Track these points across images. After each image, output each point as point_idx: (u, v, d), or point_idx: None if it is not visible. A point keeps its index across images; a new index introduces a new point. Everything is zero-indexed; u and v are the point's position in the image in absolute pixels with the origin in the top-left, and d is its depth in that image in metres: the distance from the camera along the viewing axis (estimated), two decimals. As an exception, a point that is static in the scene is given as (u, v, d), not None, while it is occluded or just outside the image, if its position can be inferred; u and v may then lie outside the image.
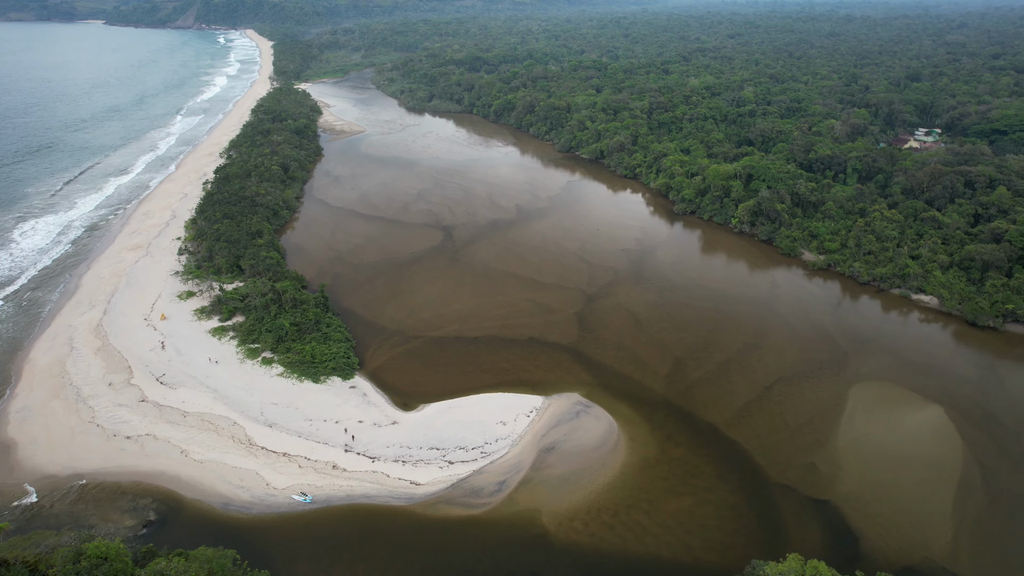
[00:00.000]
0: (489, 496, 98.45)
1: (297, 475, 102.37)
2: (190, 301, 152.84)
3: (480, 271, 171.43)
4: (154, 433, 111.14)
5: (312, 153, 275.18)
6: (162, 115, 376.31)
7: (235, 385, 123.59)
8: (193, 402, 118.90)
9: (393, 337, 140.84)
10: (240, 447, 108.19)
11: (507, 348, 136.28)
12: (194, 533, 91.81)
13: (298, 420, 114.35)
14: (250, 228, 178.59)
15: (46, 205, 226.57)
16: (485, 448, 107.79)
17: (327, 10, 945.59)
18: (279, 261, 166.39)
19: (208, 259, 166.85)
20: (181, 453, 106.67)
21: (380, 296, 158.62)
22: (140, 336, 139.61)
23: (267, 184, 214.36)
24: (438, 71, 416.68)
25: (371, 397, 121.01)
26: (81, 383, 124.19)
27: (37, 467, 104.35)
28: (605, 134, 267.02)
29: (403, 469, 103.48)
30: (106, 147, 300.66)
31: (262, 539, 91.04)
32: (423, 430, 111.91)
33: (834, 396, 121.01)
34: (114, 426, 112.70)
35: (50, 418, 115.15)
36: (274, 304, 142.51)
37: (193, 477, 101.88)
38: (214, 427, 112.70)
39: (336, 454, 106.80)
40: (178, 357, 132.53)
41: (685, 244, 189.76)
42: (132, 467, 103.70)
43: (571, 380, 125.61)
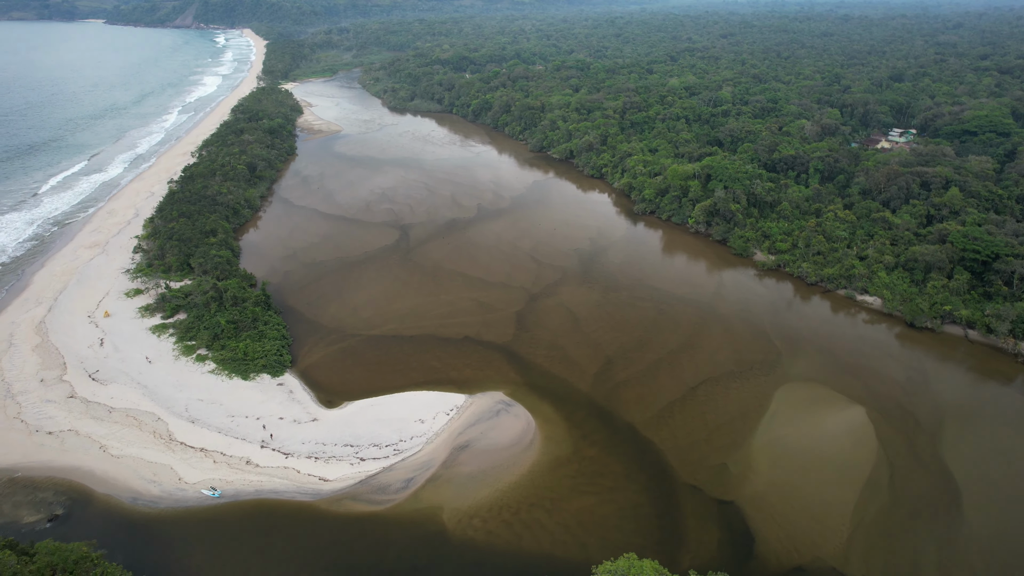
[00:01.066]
0: (395, 493, 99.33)
1: (211, 470, 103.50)
2: (136, 299, 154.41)
3: (429, 270, 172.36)
4: (76, 429, 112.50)
5: (284, 152, 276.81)
6: (151, 114, 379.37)
7: (166, 382, 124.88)
8: (121, 398, 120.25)
9: (331, 335, 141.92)
10: (160, 442, 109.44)
11: (441, 347, 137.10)
12: (97, 528, 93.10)
13: (221, 416, 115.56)
14: (204, 227, 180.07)
15: (16, 204, 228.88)
16: (399, 446, 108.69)
17: (325, 9, 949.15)
18: (229, 260, 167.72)
19: (159, 257, 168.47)
20: (100, 448, 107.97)
21: (325, 295, 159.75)
22: (80, 333, 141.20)
23: (231, 183, 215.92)
24: (422, 71, 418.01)
25: (297, 395, 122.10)
26: (13, 379, 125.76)
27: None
28: (576, 134, 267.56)
29: (314, 465, 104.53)
30: (91, 146, 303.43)
31: (165, 533, 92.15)
32: (341, 427, 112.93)
33: (759, 397, 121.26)
34: (38, 422, 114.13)
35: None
36: (215, 302, 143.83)
37: (107, 472, 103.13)
38: (137, 423, 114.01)
39: (252, 450, 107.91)
40: (115, 354, 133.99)
41: (639, 244, 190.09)
42: (47, 462, 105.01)
43: (499, 379, 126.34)
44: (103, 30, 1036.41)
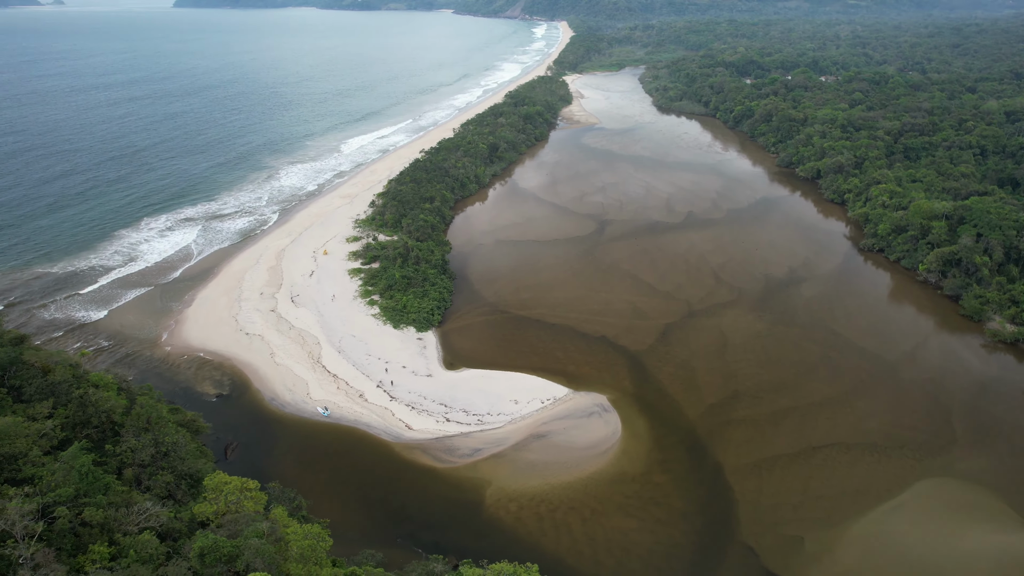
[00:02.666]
0: (459, 457, 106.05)
1: (332, 394, 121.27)
2: (351, 244, 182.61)
3: (604, 266, 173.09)
4: (263, 335, 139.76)
5: (533, 138, 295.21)
6: (453, 93, 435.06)
7: (337, 316, 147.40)
8: (301, 320, 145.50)
9: (484, 307, 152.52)
10: (309, 362, 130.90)
11: (574, 340, 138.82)
12: (239, 410, 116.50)
13: (361, 353, 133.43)
14: (425, 193, 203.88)
15: (319, 155, 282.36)
16: (485, 418, 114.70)
17: (641, 6, 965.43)
18: (434, 225, 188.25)
19: (380, 213, 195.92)
20: (270, 354, 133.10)
21: (499, 271, 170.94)
22: (302, 264, 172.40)
23: (468, 159, 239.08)
24: (701, 72, 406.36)
25: (427, 351, 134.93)
26: (244, 288, 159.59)
27: (186, 337, 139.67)
28: (829, 152, 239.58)
29: (408, 413, 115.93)
30: (399, 117, 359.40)
31: (279, 431, 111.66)
32: (446, 388, 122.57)
33: (892, 481, 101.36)
34: (243, 323, 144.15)
35: (213, 307, 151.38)
36: (400, 258, 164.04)
37: (267, 374, 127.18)
38: (302, 342, 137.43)
39: (369, 387, 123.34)
40: (316, 285, 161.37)
41: (845, 282, 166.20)
42: (235, 354, 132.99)
43: (611, 383, 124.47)
44: (451, 19, 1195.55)
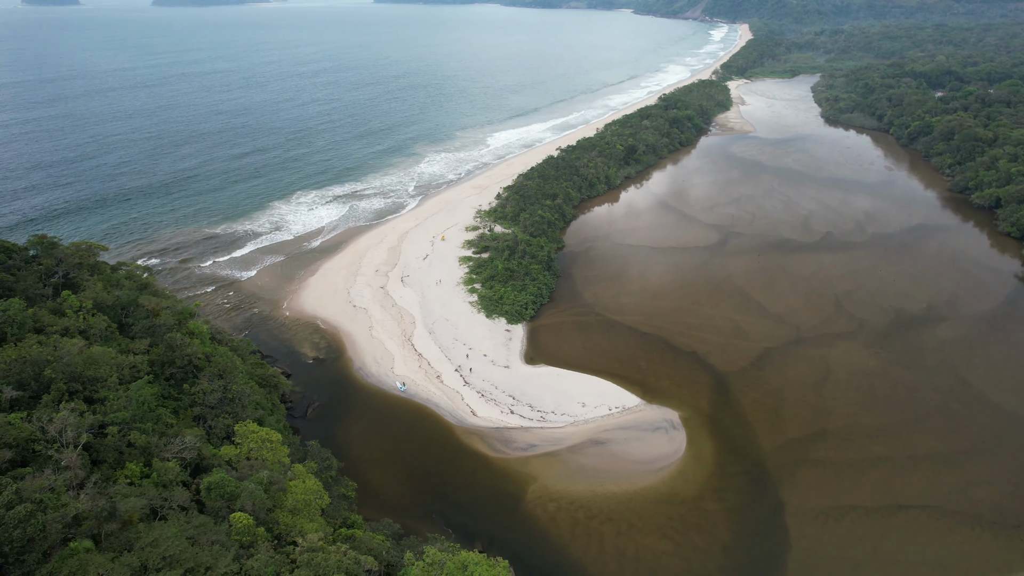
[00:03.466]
0: (512, 450, 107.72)
1: (413, 371, 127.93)
2: (469, 234, 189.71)
3: (715, 280, 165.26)
4: (367, 309, 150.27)
5: (678, 143, 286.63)
6: (610, 92, 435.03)
7: (437, 299, 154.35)
8: (405, 300, 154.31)
9: (579, 308, 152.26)
10: (401, 339, 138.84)
11: (661, 352, 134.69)
12: (328, 374, 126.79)
13: (448, 337, 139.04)
14: (549, 190, 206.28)
15: (465, 145, 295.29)
16: (548, 416, 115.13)
17: (834, 8, 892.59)
18: (551, 221, 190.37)
19: (502, 206, 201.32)
20: (369, 328, 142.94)
21: (605, 273, 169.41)
22: (419, 247, 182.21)
23: (601, 159, 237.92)
24: (883, 82, 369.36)
25: (512, 344, 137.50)
26: (363, 264, 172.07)
27: (303, 303, 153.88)
28: (1017, 178, 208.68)
29: (476, 400, 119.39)
30: (557, 114, 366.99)
31: (356, 398, 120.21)
32: (519, 381, 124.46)
33: (992, 564, 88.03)
34: (354, 296, 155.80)
35: (332, 279, 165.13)
36: (508, 250, 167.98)
37: (362, 345, 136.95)
38: (400, 320, 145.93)
39: (447, 369, 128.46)
40: (427, 269, 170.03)
41: (998, 329, 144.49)
42: (339, 324, 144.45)
43: (687, 401, 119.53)
44: (630, 19, 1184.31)
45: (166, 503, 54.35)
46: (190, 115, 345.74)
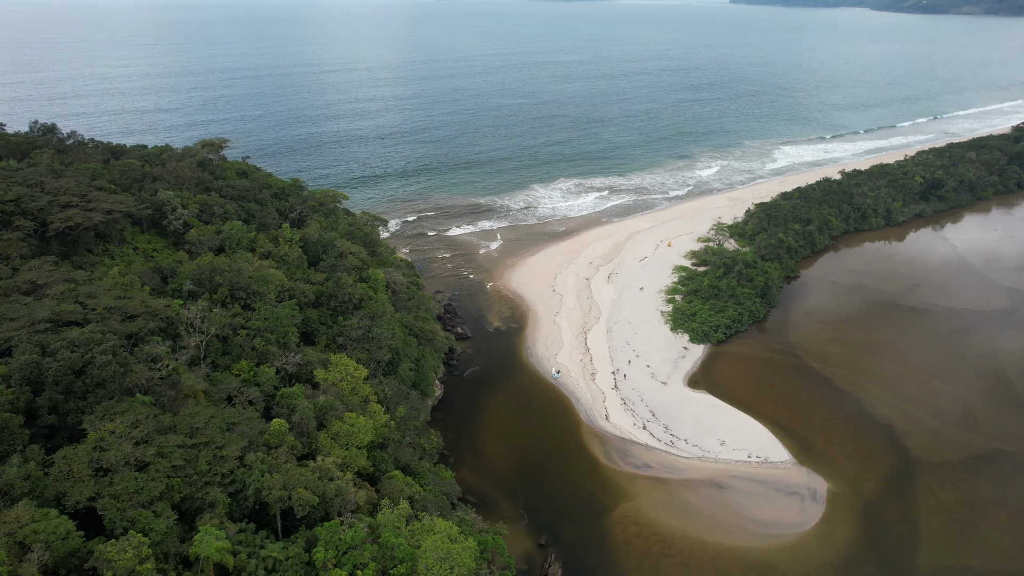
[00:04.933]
0: (625, 464, 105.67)
1: (575, 363, 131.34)
2: (698, 244, 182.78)
3: (971, 354, 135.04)
4: (564, 296, 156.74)
5: (1014, 183, 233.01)
6: (960, 120, 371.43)
7: (630, 302, 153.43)
8: (601, 295, 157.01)
9: (777, 343, 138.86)
10: (577, 331, 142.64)
11: (849, 415, 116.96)
12: (500, 345, 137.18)
13: (622, 340, 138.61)
14: (803, 214, 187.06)
15: (741, 156, 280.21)
16: (677, 443, 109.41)
17: None
18: (790, 247, 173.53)
19: (745, 222, 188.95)
20: (556, 313, 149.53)
21: (829, 315, 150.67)
22: (641, 249, 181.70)
23: (887, 190, 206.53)
24: None
25: (684, 363, 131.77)
26: (583, 255, 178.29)
27: (511, 279, 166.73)
28: None
29: (615, 405, 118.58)
30: (873, 132, 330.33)
31: (512, 372, 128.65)
32: (667, 399, 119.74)
33: None
34: (557, 283, 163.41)
35: (547, 262, 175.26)
36: (723, 268, 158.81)
37: (541, 327, 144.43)
38: (585, 310, 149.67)
39: (605, 369, 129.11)
40: (639, 271, 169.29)
41: None
42: (532, 304, 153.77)
43: (848, 476, 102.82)
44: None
45: (241, 395, 69.01)
46: (513, 102, 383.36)
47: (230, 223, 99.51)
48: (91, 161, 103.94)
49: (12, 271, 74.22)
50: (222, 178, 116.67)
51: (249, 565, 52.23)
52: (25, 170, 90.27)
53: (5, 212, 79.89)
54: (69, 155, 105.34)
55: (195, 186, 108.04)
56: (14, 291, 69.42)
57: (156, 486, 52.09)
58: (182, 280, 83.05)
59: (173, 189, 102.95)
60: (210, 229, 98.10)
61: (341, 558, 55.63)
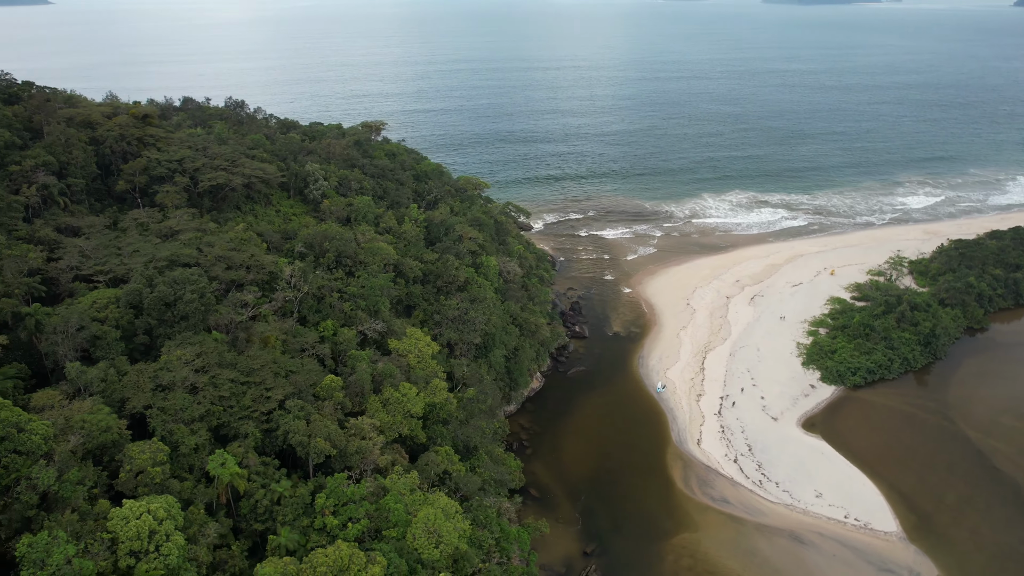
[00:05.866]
0: (703, 494, 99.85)
1: (684, 381, 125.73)
2: (865, 277, 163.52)
3: None
4: (696, 311, 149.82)
5: None
6: None
7: (768, 329, 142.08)
8: (737, 315, 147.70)
9: (930, 401, 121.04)
10: (699, 348, 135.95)
11: (996, 496, 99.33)
12: (614, 350, 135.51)
13: (743, 366, 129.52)
14: (1011, 259, 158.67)
15: (963, 184, 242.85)
16: (767, 484, 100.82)
17: None
18: (986, 295, 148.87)
19: (931, 260, 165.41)
20: (682, 327, 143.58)
21: (1004, 378, 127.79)
22: (799, 274, 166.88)
23: None
24: None
25: (804, 401, 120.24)
26: (731, 272, 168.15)
27: (645, 286, 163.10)
28: None
29: (712, 431, 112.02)
30: None
31: (616, 379, 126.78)
32: (772, 437, 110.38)
33: None
34: (692, 296, 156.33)
35: (691, 273, 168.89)
36: (884, 307, 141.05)
37: (662, 338, 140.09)
38: (715, 327, 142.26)
39: (714, 392, 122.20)
40: (787, 297, 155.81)
41: None
42: (660, 314, 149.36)
43: (969, 567, 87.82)
44: None
45: (312, 350, 77.17)
46: (714, 109, 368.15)
47: (360, 198, 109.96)
48: (259, 133, 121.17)
49: (163, 217, 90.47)
50: (370, 156, 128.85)
51: (258, 493, 59.45)
52: (200, 136, 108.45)
53: (170, 170, 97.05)
54: (245, 127, 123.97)
55: (343, 162, 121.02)
56: (156, 234, 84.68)
57: (199, 409, 61.25)
58: (296, 242, 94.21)
59: (322, 163, 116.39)
60: (342, 201, 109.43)
61: (339, 508, 60.79)
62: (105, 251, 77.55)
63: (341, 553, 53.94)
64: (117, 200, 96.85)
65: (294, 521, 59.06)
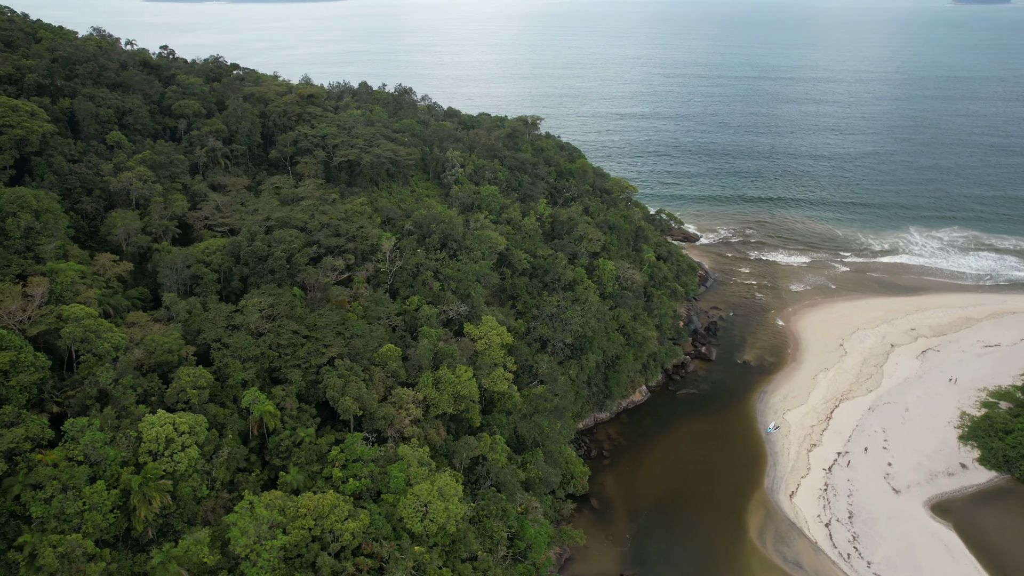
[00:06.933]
0: (776, 552, 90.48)
1: (803, 427, 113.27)
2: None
3: None
4: (848, 354, 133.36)
5: None
6: None
7: (926, 389, 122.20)
8: (895, 368, 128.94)
9: None
10: (834, 396, 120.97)
11: None
12: (737, 378, 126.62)
13: (880, 423, 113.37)
14: None
15: None
16: (856, 563, 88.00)
17: None
18: None
19: None
20: (824, 368, 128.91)
21: None
22: (1001, 334, 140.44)
23: None
24: None
25: (945, 481, 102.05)
26: (908, 319, 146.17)
27: (800, 318, 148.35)
28: None
29: (813, 489, 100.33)
30: None
31: (726, 411, 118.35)
32: (885, 512, 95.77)
33: None
34: (850, 337, 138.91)
35: (861, 312, 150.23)
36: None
37: (796, 377, 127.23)
38: (862, 381, 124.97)
39: (834, 446, 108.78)
40: (975, 358, 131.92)
41: None
42: (804, 350, 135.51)
43: None
44: None
45: (387, 320, 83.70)
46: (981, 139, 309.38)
47: (487, 187, 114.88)
48: (412, 119, 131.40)
49: (296, 185, 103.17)
50: (517, 149, 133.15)
51: (284, 433, 66.92)
52: (354, 116, 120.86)
53: (313, 144, 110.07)
54: (403, 111, 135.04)
55: (485, 152, 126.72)
56: (284, 198, 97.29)
57: (255, 350, 70.31)
58: (408, 220, 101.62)
59: (464, 151, 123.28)
60: (470, 188, 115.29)
61: (349, 464, 66.16)
62: (234, 207, 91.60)
63: (325, 501, 59.28)
64: (272, 166, 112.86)
65: (306, 464, 65.84)
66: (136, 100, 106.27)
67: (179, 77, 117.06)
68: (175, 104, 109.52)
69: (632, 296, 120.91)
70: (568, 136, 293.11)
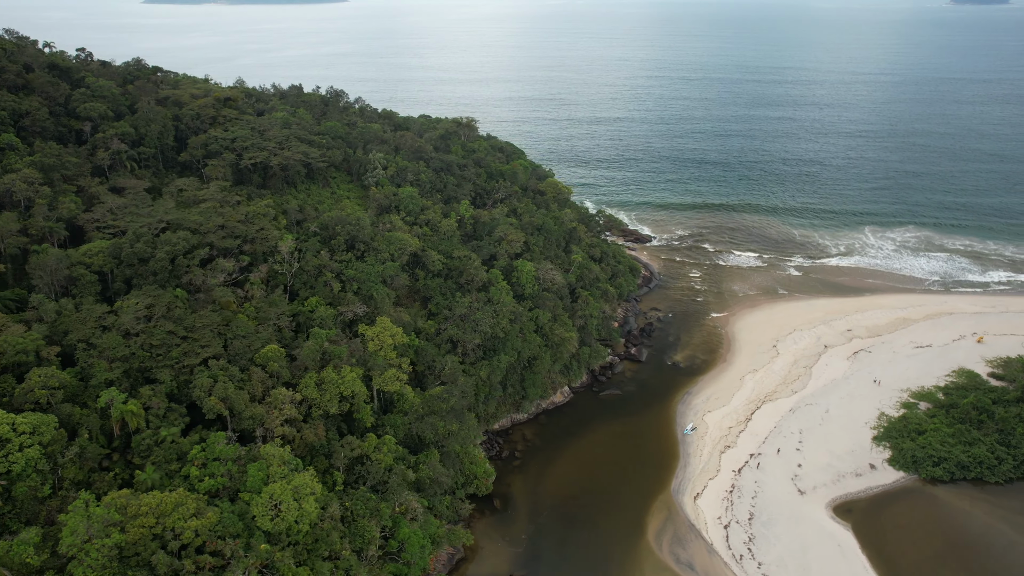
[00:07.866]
0: (670, 554, 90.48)
1: (720, 428, 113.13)
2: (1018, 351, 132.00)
3: None
4: (780, 355, 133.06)
5: None
6: None
7: (849, 391, 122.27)
8: (824, 370, 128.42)
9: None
10: (758, 397, 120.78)
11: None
12: (665, 381, 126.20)
13: (799, 425, 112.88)
14: None
15: None
16: (747, 564, 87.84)
17: None
18: None
19: None
20: (753, 369, 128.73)
21: None
22: (935, 335, 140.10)
23: None
24: None
25: (851, 483, 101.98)
26: (845, 320, 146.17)
27: (736, 319, 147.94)
28: None
29: (719, 492, 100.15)
30: None
31: (646, 413, 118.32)
32: (785, 514, 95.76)
33: None
34: (784, 338, 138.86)
35: (798, 313, 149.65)
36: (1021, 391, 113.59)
37: (722, 380, 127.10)
38: (788, 383, 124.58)
39: (748, 447, 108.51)
40: (904, 359, 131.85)
41: None
42: (734, 352, 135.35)
43: None
44: None
45: (276, 321, 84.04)
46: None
47: (405, 189, 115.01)
48: (336, 121, 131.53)
49: (201, 188, 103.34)
50: (446, 151, 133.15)
51: (146, 432, 67.36)
52: (269, 119, 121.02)
53: (222, 147, 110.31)
54: (329, 114, 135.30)
55: (411, 153, 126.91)
56: (186, 201, 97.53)
57: (124, 350, 70.64)
58: (312, 223, 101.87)
59: (389, 153, 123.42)
60: (388, 190, 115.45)
61: (209, 463, 66.49)
62: (128, 210, 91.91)
63: (168, 499, 59.51)
64: (184, 168, 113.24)
65: (164, 463, 66.14)
66: (35, 102, 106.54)
67: (88, 79, 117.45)
68: (80, 107, 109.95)
69: (553, 297, 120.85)
70: (540, 141, 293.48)
